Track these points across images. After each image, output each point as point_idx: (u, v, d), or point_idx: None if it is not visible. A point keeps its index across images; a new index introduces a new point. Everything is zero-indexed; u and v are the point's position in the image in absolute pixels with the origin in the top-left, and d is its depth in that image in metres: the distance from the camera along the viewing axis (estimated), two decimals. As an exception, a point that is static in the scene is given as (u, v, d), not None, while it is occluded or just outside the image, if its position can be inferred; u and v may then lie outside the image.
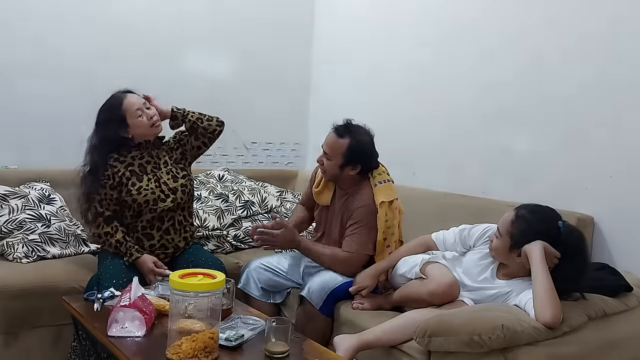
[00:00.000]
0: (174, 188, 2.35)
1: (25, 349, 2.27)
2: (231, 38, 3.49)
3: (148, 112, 2.29)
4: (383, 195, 2.28)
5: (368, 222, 2.28)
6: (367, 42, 3.39)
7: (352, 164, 2.29)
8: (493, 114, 2.72)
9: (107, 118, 2.26)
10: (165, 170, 2.37)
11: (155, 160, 2.37)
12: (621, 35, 2.25)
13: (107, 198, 2.27)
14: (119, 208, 2.30)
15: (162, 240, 2.34)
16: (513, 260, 1.91)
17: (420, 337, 1.70)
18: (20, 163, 2.88)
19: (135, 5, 3.17)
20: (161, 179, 2.34)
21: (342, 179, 2.35)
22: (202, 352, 1.53)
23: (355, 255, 2.29)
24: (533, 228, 1.85)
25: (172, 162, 2.41)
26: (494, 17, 2.72)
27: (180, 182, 2.38)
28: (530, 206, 1.93)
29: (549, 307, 1.70)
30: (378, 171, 2.37)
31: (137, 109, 2.26)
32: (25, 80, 2.90)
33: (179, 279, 1.55)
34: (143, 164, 2.34)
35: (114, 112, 2.25)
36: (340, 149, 2.27)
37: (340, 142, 2.28)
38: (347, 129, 2.30)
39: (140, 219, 2.31)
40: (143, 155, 2.35)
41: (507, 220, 1.91)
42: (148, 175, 2.32)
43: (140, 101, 2.28)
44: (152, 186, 2.31)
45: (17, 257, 2.42)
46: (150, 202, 2.29)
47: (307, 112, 3.83)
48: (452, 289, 1.95)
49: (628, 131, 2.23)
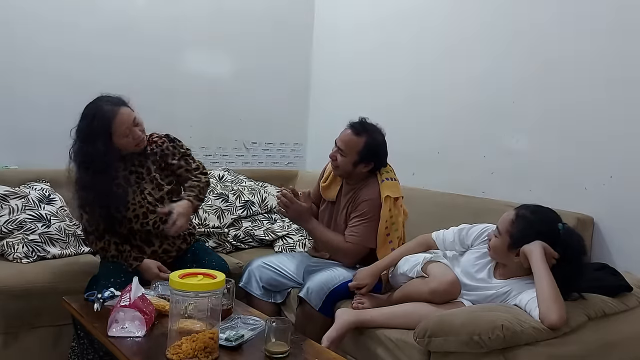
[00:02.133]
0: (159, 198, 2.27)
1: (25, 349, 2.27)
2: (231, 38, 3.49)
3: (135, 131, 2.16)
4: (389, 190, 2.32)
5: (372, 215, 2.30)
6: (368, 42, 3.39)
7: (366, 162, 2.33)
8: (493, 114, 2.72)
9: (92, 131, 2.09)
10: (149, 179, 2.27)
11: (138, 169, 2.27)
12: (621, 34, 2.25)
13: (94, 216, 2.16)
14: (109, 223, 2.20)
15: (163, 245, 2.31)
16: (511, 260, 1.91)
17: (420, 337, 1.71)
18: (20, 163, 2.89)
19: (136, 6, 3.17)
20: (145, 190, 2.25)
21: (353, 176, 2.38)
22: (202, 352, 1.53)
23: (356, 247, 2.32)
24: (533, 228, 1.85)
25: (155, 169, 2.31)
26: (494, 18, 2.72)
27: (166, 189, 2.30)
28: (531, 206, 1.93)
29: (554, 308, 1.70)
30: (386, 169, 2.42)
31: (126, 128, 2.12)
32: (25, 81, 2.90)
33: (179, 279, 1.55)
34: (127, 175, 2.25)
35: (102, 126, 2.09)
36: (356, 146, 2.30)
37: (357, 139, 2.31)
38: (363, 127, 2.34)
39: (139, 229, 2.25)
40: (126, 165, 2.25)
41: (507, 219, 1.91)
42: (133, 188, 2.24)
43: (130, 118, 2.14)
44: (139, 199, 2.23)
45: (17, 257, 2.42)
46: (140, 217, 2.23)
47: (307, 112, 3.84)
48: (453, 288, 1.95)
49: (628, 131, 2.24)
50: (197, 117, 3.42)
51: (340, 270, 2.29)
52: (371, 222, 2.31)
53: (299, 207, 2.36)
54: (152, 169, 2.30)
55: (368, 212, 2.31)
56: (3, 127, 2.86)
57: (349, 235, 2.33)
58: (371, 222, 2.31)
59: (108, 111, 2.11)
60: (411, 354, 1.82)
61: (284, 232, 3.06)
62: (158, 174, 2.31)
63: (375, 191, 2.33)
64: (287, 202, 2.33)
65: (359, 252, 2.34)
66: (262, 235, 3.03)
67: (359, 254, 2.34)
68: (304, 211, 2.38)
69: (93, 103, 2.16)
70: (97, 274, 2.25)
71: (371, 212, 2.31)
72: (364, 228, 2.31)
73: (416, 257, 2.12)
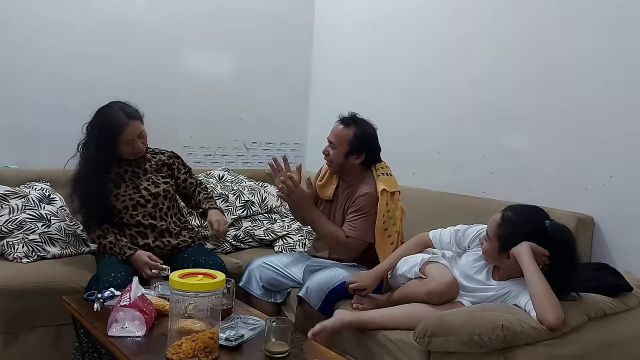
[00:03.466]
0: (155, 193, 2.38)
1: (25, 349, 2.27)
2: (231, 37, 3.49)
3: (137, 144, 2.32)
4: (385, 184, 2.33)
5: (370, 210, 2.31)
6: (368, 40, 3.39)
7: (357, 152, 2.35)
8: (493, 114, 2.72)
9: (105, 134, 2.27)
10: (145, 178, 2.40)
11: (134, 170, 2.41)
12: (621, 32, 2.25)
13: (90, 206, 2.31)
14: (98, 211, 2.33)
15: (156, 241, 2.37)
16: (503, 262, 1.91)
17: (420, 337, 1.71)
18: (20, 163, 2.88)
19: (135, 6, 3.17)
20: (140, 185, 2.37)
21: (347, 169, 2.39)
22: (202, 352, 1.53)
23: (356, 241, 2.33)
24: (520, 229, 1.85)
25: (152, 171, 2.44)
26: (494, 16, 2.72)
27: (162, 187, 2.41)
28: (517, 207, 1.93)
29: (550, 308, 1.70)
30: (381, 165, 2.44)
31: (130, 139, 2.29)
32: (25, 81, 2.89)
33: (179, 279, 1.55)
34: (121, 172, 2.38)
35: (113, 132, 2.26)
36: (346, 137, 2.34)
37: (346, 130, 2.35)
38: (352, 119, 2.39)
39: (129, 221, 2.34)
40: (121, 165, 2.39)
41: (494, 222, 1.91)
42: (126, 183, 2.36)
43: (137, 132, 2.30)
44: (130, 192, 2.34)
45: (17, 257, 2.41)
46: (129, 208, 2.34)
47: (307, 112, 3.84)
48: (451, 288, 1.95)
49: (628, 130, 2.23)
50: (197, 116, 3.42)
51: (339, 270, 2.29)
52: (369, 217, 2.32)
53: (303, 193, 2.35)
54: (149, 170, 2.42)
55: (365, 207, 2.32)
56: (3, 126, 2.86)
57: (349, 229, 2.34)
58: (369, 217, 2.32)
59: (120, 120, 2.27)
60: (411, 354, 1.82)
61: (284, 232, 3.05)
62: (154, 175, 2.42)
63: (371, 186, 2.35)
64: (291, 185, 2.30)
65: (358, 247, 2.34)
66: (262, 235, 3.03)
67: (359, 249, 2.35)
68: (307, 198, 2.38)
69: (109, 107, 2.31)
70: (97, 273, 2.25)
71: (368, 206, 2.32)
72: (362, 222, 2.32)
73: (415, 257, 2.12)
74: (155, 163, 2.47)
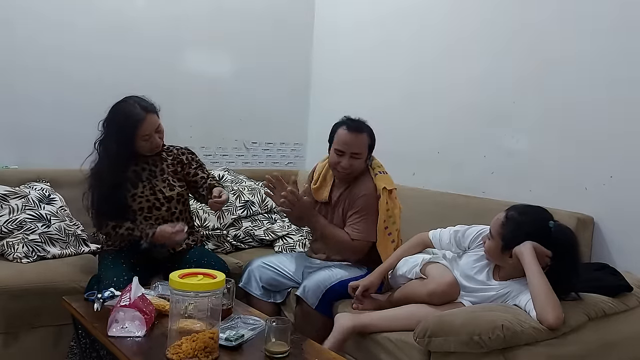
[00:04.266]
0: (169, 197, 2.35)
1: (25, 349, 2.27)
2: (231, 37, 3.49)
3: (155, 138, 2.28)
4: (384, 183, 2.34)
5: (370, 210, 2.32)
6: (368, 41, 3.39)
7: (370, 154, 2.39)
8: (493, 114, 2.72)
9: (122, 129, 2.23)
10: (162, 179, 2.36)
11: (151, 168, 2.37)
12: (622, 33, 2.25)
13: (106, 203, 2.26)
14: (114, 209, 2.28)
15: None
16: (506, 262, 1.91)
17: (420, 337, 1.71)
18: (20, 163, 2.88)
19: (135, 6, 3.17)
20: (156, 186, 2.33)
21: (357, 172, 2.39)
22: (202, 352, 1.53)
23: (361, 243, 2.33)
24: (523, 229, 1.85)
25: (169, 171, 2.40)
26: (494, 16, 2.72)
27: (177, 190, 2.37)
28: (520, 207, 1.93)
29: (550, 308, 1.70)
30: (377, 163, 2.44)
31: (147, 134, 2.25)
32: (25, 80, 2.90)
33: (179, 279, 1.55)
34: (138, 170, 2.34)
35: (130, 127, 2.22)
36: (365, 143, 2.35)
37: (363, 137, 2.35)
38: (357, 123, 2.37)
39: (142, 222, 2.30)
40: (138, 162, 2.35)
41: (497, 222, 1.91)
42: (143, 183, 2.32)
43: (153, 126, 2.26)
44: (147, 193, 2.31)
45: (17, 257, 2.42)
46: (145, 210, 2.30)
47: (307, 112, 3.84)
48: (451, 289, 1.95)
49: (628, 130, 2.23)
50: (197, 116, 3.42)
51: (337, 270, 2.30)
52: (370, 217, 2.32)
53: (305, 203, 2.34)
54: (165, 170, 2.38)
55: (366, 208, 2.33)
56: (3, 126, 2.86)
57: (353, 232, 2.34)
58: (370, 217, 2.32)
59: (138, 114, 2.22)
60: (411, 354, 1.82)
61: (284, 232, 3.06)
62: (171, 176, 2.38)
63: (369, 186, 2.35)
64: (294, 199, 2.27)
65: (364, 248, 2.35)
66: (262, 235, 3.03)
67: (364, 250, 2.36)
68: (310, 206, 2.38)
69: (125, 102, 2.27)
70: (97, 274, 2.25)
71: (369, 207, 2.33)
72: (365, 224, 2.32)
73: (415, 258, 2.12)
74: (172, 162, 2.42)
